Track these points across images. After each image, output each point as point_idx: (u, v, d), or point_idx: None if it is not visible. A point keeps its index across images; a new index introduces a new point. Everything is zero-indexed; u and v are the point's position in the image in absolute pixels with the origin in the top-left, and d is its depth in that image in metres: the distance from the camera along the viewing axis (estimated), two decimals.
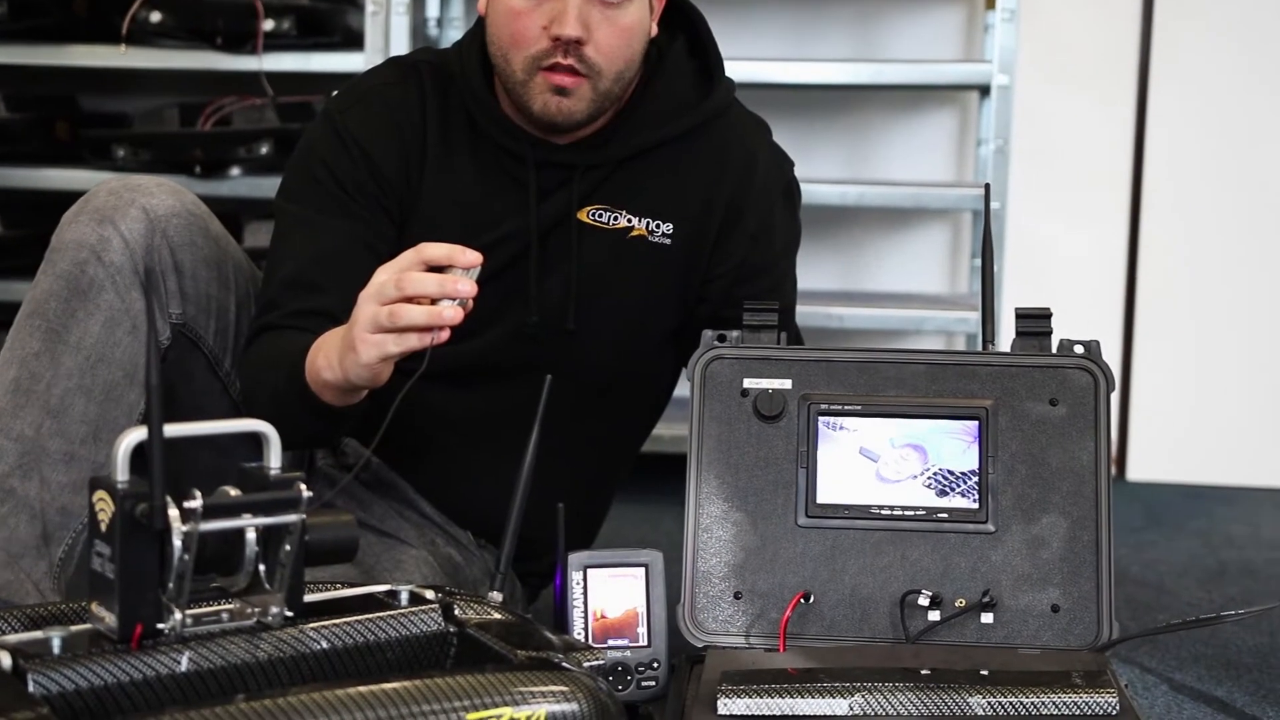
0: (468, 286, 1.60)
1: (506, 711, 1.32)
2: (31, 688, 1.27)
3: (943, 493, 1.83)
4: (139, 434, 1.33)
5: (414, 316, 1.60)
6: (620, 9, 1.88)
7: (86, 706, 1.29)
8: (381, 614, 1.47)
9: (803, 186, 2.13)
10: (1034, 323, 1.89)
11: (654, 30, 1.97)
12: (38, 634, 1.35)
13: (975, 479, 1.83)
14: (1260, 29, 3.49)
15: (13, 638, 1.35)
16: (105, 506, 1.33)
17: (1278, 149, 3.51)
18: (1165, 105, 3.54)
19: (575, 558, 1.87)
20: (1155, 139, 3.55)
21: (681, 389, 2.06)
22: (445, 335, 1.62)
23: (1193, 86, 3.51)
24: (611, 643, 1.85)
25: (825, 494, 1.84)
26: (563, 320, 1.99)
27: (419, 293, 1.60)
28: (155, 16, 3.14)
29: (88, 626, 1.37)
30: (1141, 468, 3.62)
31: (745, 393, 1.87)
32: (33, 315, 1.89)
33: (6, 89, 3.33)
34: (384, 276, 1.64)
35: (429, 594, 1.53)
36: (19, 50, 3.23)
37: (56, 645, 1.33)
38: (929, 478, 1.84)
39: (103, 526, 1.34)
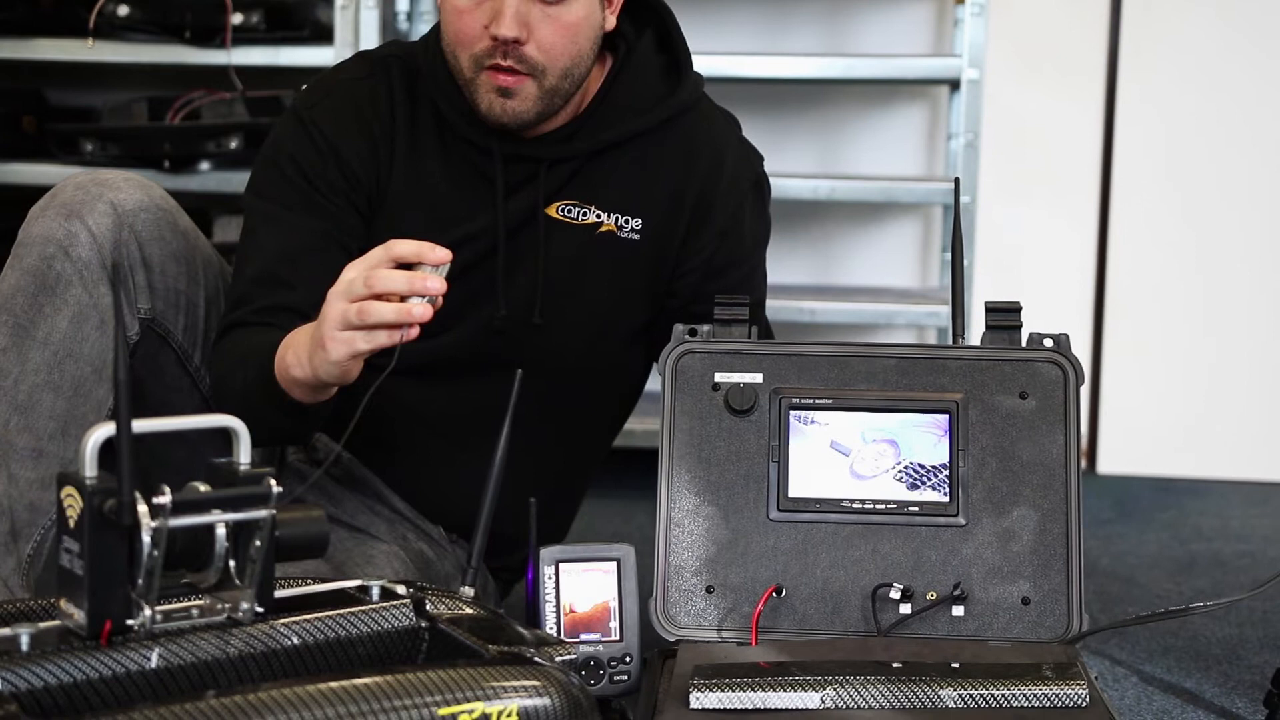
0: (437, 284, 1.60)
1: (479, 707, 1.32)
2: (0, 685, 1.27)
3: (914, 486, 1.84)
4: (107, 429, 1.33)
5: (383, 314, 1.60)
6: (562, 6, 1.86)
7: (55, 704, 1.29)
8: (353, 609, 1.47)
9: (773, 181, 2.13)
10: (1004, 316, 1.89)
11: (610, 24, 1.96)
12: (5, 631, 1.34)
13: (946, 472, 1.84)
14: (1227, 25, 3.50)
15: None
16: (73, 503, 1.33)
17: (1245, 143, 3.53)
18: (1134, 99, 3.55)
19: (547, 552, 1.86)
20: (1124, 133, 3.56)
21: (652, 383, 2.07)
22: (415, 332, 1.62)
23: (1161, 80, 3.53)
24: (584, 637, 1.85)
25: (797, 488, 1.84)
26: (530, 315, 1.99)
27: (388, 290, 1.60)
28: (123, 10, 3.13)
29: (56, 623, 1.36)
30: (1111, 461, 3.64)
31: (716, 387, 1.87)
32: (0, 310, 1.89)
33: None
34: (353, 274, 1.63)
35: (400, 589, 1.53)
36: None
37: (25, 642, 1.32)
38: (900, 471, 1.84)
39: (71, 523, 1.33)
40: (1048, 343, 1.87)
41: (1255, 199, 3.54)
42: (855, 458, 1.85)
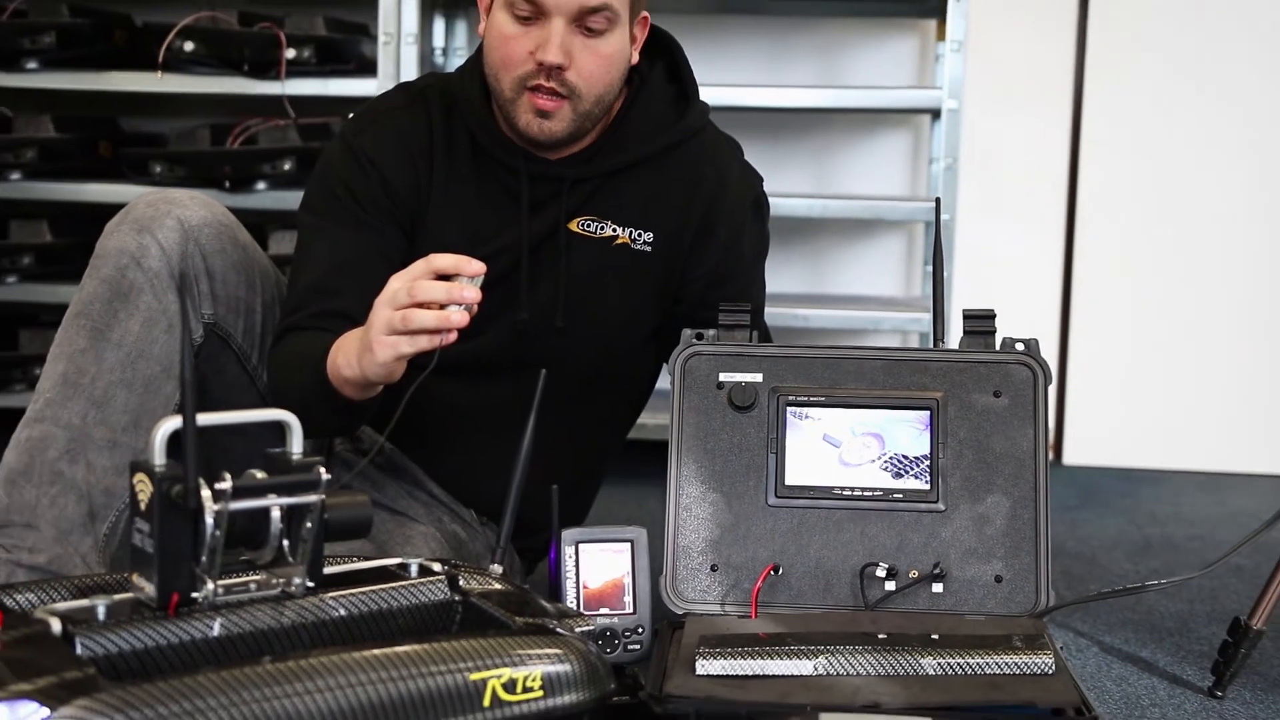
0: (472, 293, 1.61)
1: (506, 672, 1.33)
2: (79, 650, 1.28)
3: (898, 475, 1.84)
4: (175, 423, 1.33)
5: (424, 320, 1.61)
6: (601, 39, 1.88)
7: (129, 667, 1.29)
8: (393, 584, 1.47)
9: (771, 200, 2.13)
10: (980, 322, 1.89)
11: (635, 58, 1.97)
12: (85, 602, 1.35)
13: (927, 463, 1.84)
14: (1182, 57, 3.49)
15: (62, 606, 1.36)
16: (144, 488, 1.33)
17: (1200, 163, 3.52)
18: (1097, 127, 3.54)
19: (568, 534, 1.87)
20: (1089, 156, 3.55)
21: (662, 382, 2.07)
22: (453, 337, 1.63)
23: (1122, 109, 3.52)
24: (601, 610, 1.86)
25: (793, 476, 1.84)
26: (553, 320, 1.99)
27: (429, 299, 1.61)
28: (189, 45, 3.13)
29: (129, 596, 1.37)
30: (1076, 453, 3.63)
31: (721, 385, 1.87)
32: (79, 315, 1.89)
33: (54, 111, 3.32)
34: (397, 284, 1.64)
35: (436, 566, 1.53)
36: (66, 76, 3.22)
37: (101, 613, 1.33)
38: (885, 462, 1.84)
39: (142, 506, 1.34)
40: (1019, 346, 1.87)
41: (1208, 217, 3.53)
42: (845, 449, 1.85)
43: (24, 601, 1.42)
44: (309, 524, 1.39)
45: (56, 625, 1.30)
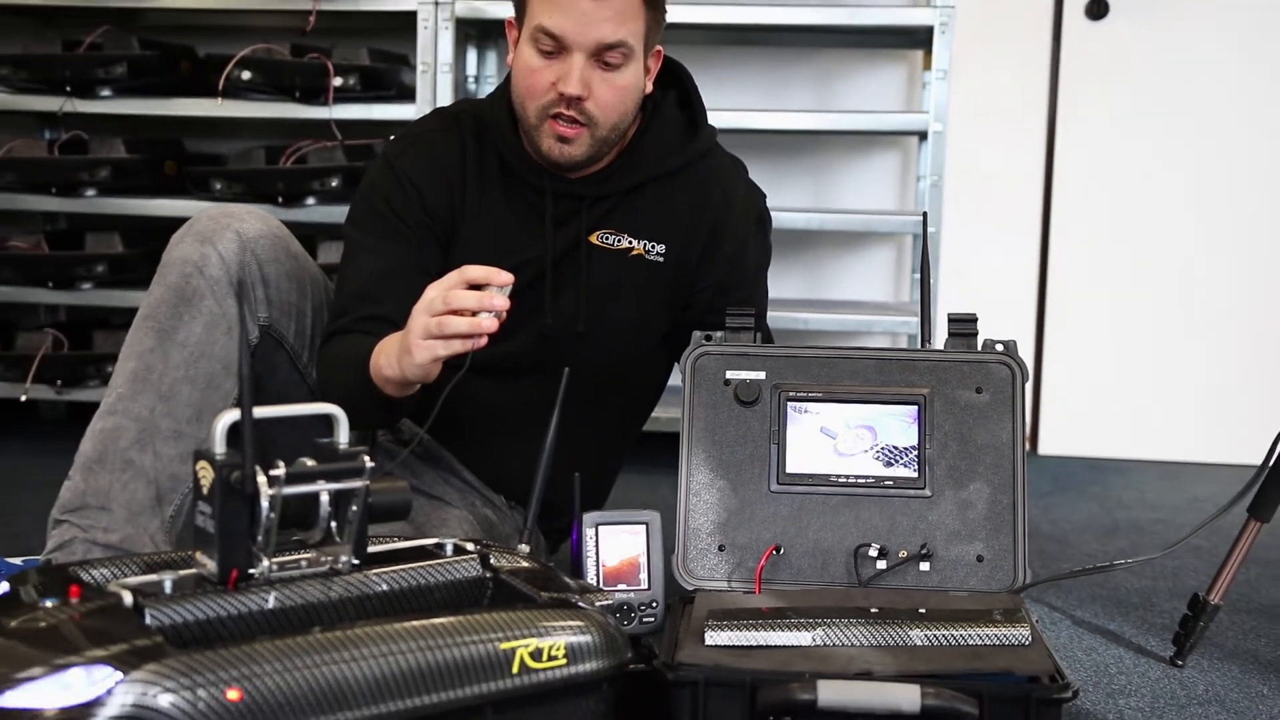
0: (502, 301, 1.61)
1: (533, 642, 1.33)
2: (148, 620, 1.28)
3: (889, 464, 1.84)
4: (233, 415, 1.34)
5: (459, 326, 1.61)
6: (617, 72, 1.88)
7: (192, 636, 1.30)
8: (430, 562, 1.48)
9: (773, 214, 2.13)
10: (963, 325, 1.89)
11: (649, 88, 1.97)
12: (153, 577, 1.35)
13: (915, 453, 1.84)
14: (1142, 86, 3.49)
15: (133, 580, 1.36)
16: (207, 474, 1.34)
17: (1161, 179, 3.52)
18: (1069, 147, 3.54)
19: (588, 517, 1.87)
20: (1061, 173, 3.55)
21: (674, 379, 2.07)
22: (484, 341, 1.63)
23: (1090, 132, 3.52)
24: (618, 586, 1.86)
25: (793, 465, 1.84)
26: (575, 325, 1.99)
27: (463, 306, 1.61)
28: (246, 75, 3.14)
29: (193, 571, 1.37)
30: (1050, 443, 3.63)
31: (727, 382, 1.87)
32: (147, 318, 1.89)
33: (126, 134, 3.34)
34: (434, 293, 1.64)
35: (469, 546, 1.53)
36: (136, 103, 3.24)
37: (168, 586, 1.33)
38: (877, 452, 1.84)
39: (205, 490, 1.34)
40: (999, 347, 1.87)
41: (1169, 230, 3.53)
42: (841, 440, 1.85)
43: (99, 576, 1.42)
44: (354, 507, 1.39)
45: (128, 598, 1.31)
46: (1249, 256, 3.52)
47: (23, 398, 3.24)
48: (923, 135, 3.23)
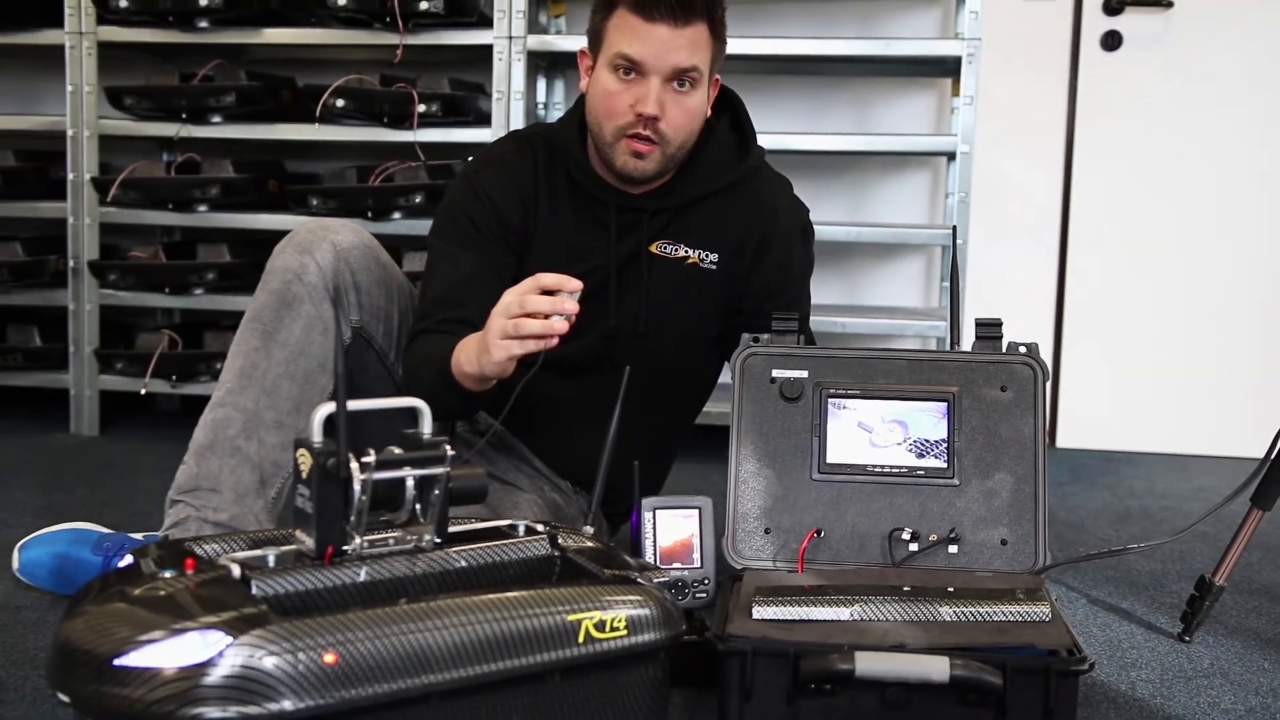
0: (571, 306, 1.61)
1: (597, 614, 1.33)
2: (254, 590, 1.29)
3: (920, 455, 1.82)
4: (329, 408, 1.34)
5: (533, 328, 1.61)
6: (688, 95, 1.88)
7: (293, 605, 1.31)
8: (504, 541, 1.48)
9: (815, 227, 2.12)
10: (989, 329, 1.87)
11: (709, 112, 1.97)
12: (258, 552, 1.37)
13: (945, 445, 1.82)
14: (1154, 110, 3.45)
15: (240, 554, 1.37)
16: (305, 461, 1.34)
17: (1170, 199, 3.48)
18: (1085, 167, 3.50)
19: (647, 501, 1.87)
20: (1078, 191, 3.52)
21: (724, 377, 2.06)
22: (555, 342, 1.63)
23: (1106, 153, 3.48)
24: (673, 565, 1.85)
25: (833, 456, 1.83)
26: (636, 327, 1.99)
27: (536, 310, 1.61)
28: (340, 102, 3.16)
29: (293, 547, 1.38)
30: (1068, 437, 3.59)
31: (773, 380, 1.86)
32: (252, 321, 1.91)
33: (234, 156, 3.37)
34: (510, 298, 1.64)
35: (539, 527, 1.53)
36: (243, 128, 3.26)
37: (271, 561, 1.34)
38: (910, 444, 1.83)
39: (303, 475, 1.35)
40: (1022, 349, 1.85)
41: (1179, 243, 3.48)
42: (876, 434, 1.83)
43: (210, 551, 1.44)
44: (436, 491, 1.40)
45: (236, 570, 1.32)
46: (1248, 268, 3.48)
47: (142, 391, 3.28)
48: (951, 156, 3.20)
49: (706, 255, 2.00)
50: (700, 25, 1.85)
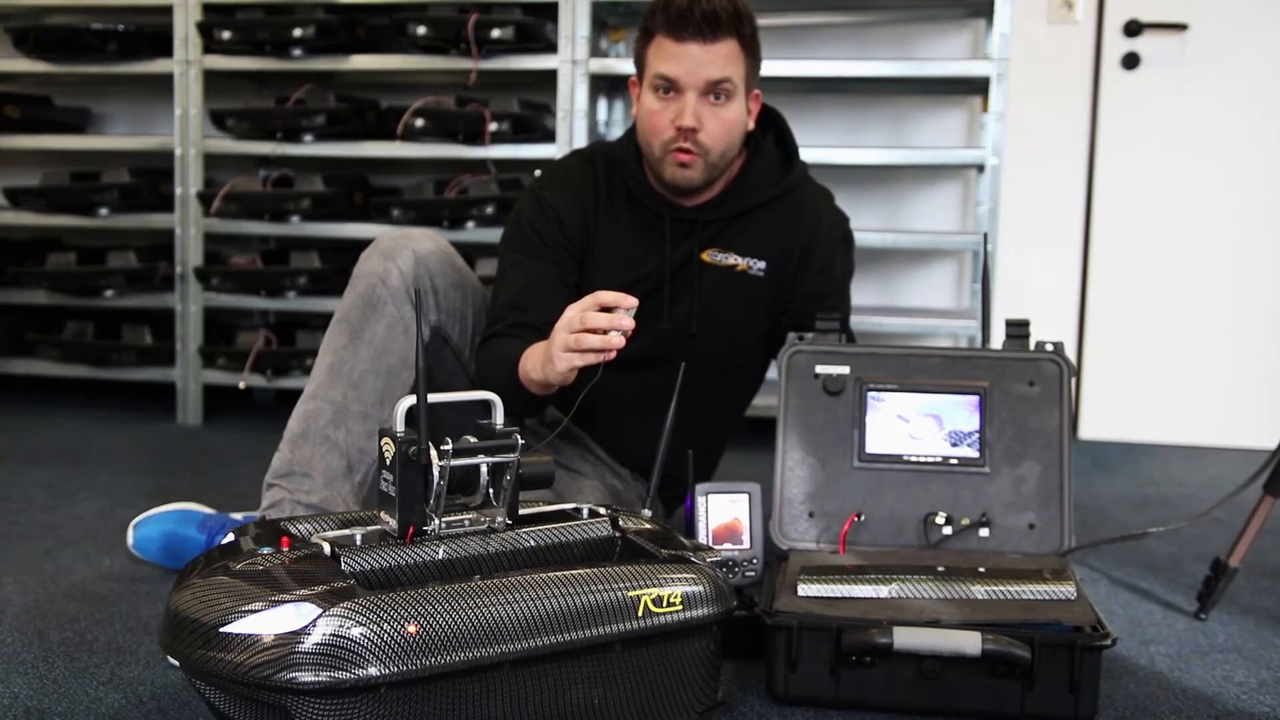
0: (629, 322, 1.59)
1: (655, 590, 1.33)
2: (344, 567, 1.30)
3: (954, 445, 1.80)
4: (410, 400, 1.35)
5: (592, 342, 1.59)
6: (723, 107, 1.87)
7: (378, 580, 1.32)
8: (569, 523, 1.48)
9: (855, 234, 2.10)
10: (1018, 329, 1.85)
11: (751, 126, 1.95)
12: (346, 531, 1.38)
13: (977, 436, 1.80)
14: (1171, 125, 3.40)
15: (330, 534, 1.39)
16: (389, 448, 1.35)
17: (1186, 208, 3.42)
18: (1106, 178, 3.46)
19: (700, 487, 1.87)
20: (1100, 200, 3.47)
21: (771, 374, 2.05)
22: (613, 355, 1.62)
23: (1126, 165, 3.43)
24: (725, 545, 1.85)
25: (872, 446, 1.82)
26: (689, 328, 1.98)
27: (596, 326, 1.59)
28: (419, 122, 3.18)
29: (378, 527, 1.39)
30: (1091, 429, 3.54)
31: (817, 376, 1.85)
32: (341, 321, 1.92)
33: (323, 171, 3.40)
34: (573, 314, 1.63)
35: (601, 510, 1.54)
36: (332, 146, 3.29)
37: (359, 539, 1.36)
38: (944, 435, 1.81)
39: (387, 461, 1.36)
40: (1049, 347, 1.83)
41: (1194, 249, 3.43)
42: (913, 425, 1.82)
43: (303, 530, 1.45)
44: (508, 477, 1.40)
45: (327, 548, 1.33)
46: (1259, 273, 3.42)
47: (241, 385, 3.33)
48: (980, 168, 3.16)
49: (755, 263, 1.99)
50: (730, 41, 1.84)
